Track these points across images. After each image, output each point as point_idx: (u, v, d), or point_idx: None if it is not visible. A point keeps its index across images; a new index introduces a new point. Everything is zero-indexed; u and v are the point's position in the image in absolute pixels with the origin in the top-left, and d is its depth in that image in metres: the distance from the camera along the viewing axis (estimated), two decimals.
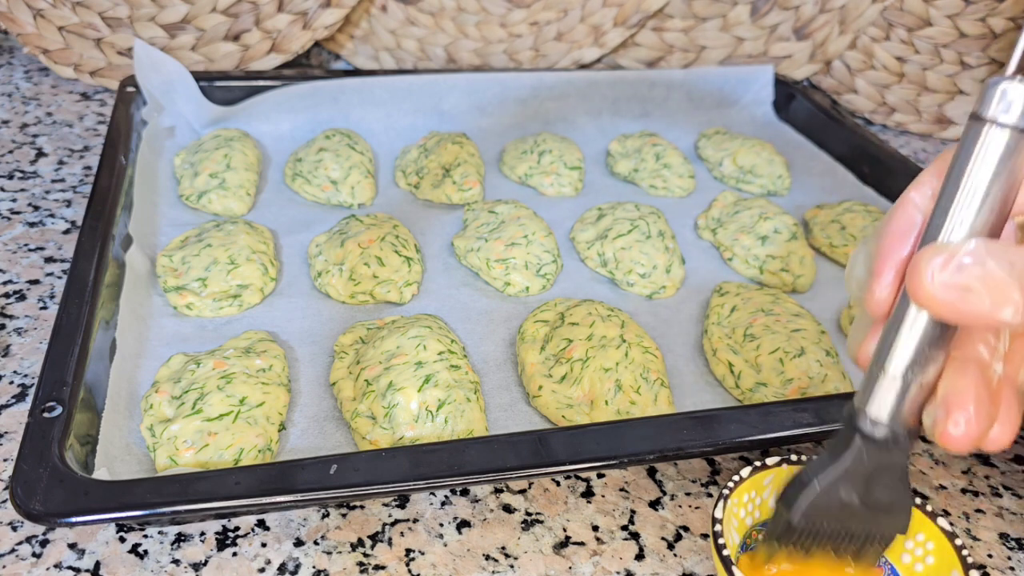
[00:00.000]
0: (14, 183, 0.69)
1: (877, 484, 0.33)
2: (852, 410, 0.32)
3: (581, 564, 0.41)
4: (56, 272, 0.59)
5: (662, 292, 0.61)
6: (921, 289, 0.27)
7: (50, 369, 0.42)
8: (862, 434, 0.32)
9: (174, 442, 0.42)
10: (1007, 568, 0.44)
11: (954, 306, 0.27)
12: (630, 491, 0.46)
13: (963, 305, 0.27)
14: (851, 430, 0.32)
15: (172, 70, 0.71)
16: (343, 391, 0.48)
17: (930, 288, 0.27)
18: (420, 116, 0.78)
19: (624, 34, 0.93)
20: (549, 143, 0.75)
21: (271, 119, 0.75)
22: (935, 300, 0.27)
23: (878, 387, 0.31)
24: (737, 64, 0.96)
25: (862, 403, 0.32)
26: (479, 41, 0.93)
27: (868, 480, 0.33)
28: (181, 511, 0.36)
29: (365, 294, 0.56)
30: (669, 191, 0.75)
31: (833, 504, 0.34)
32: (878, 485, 0.33)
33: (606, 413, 0.48)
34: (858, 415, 0.32)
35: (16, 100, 0.83)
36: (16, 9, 0.83)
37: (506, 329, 0.56)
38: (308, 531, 0.42)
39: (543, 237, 0.61)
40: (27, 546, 0.39)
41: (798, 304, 0.59)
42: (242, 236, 0.58)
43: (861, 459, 0.32)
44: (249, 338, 0.50)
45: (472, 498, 0.44)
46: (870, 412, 0.32)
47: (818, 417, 0.44)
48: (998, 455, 0.52)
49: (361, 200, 0.68)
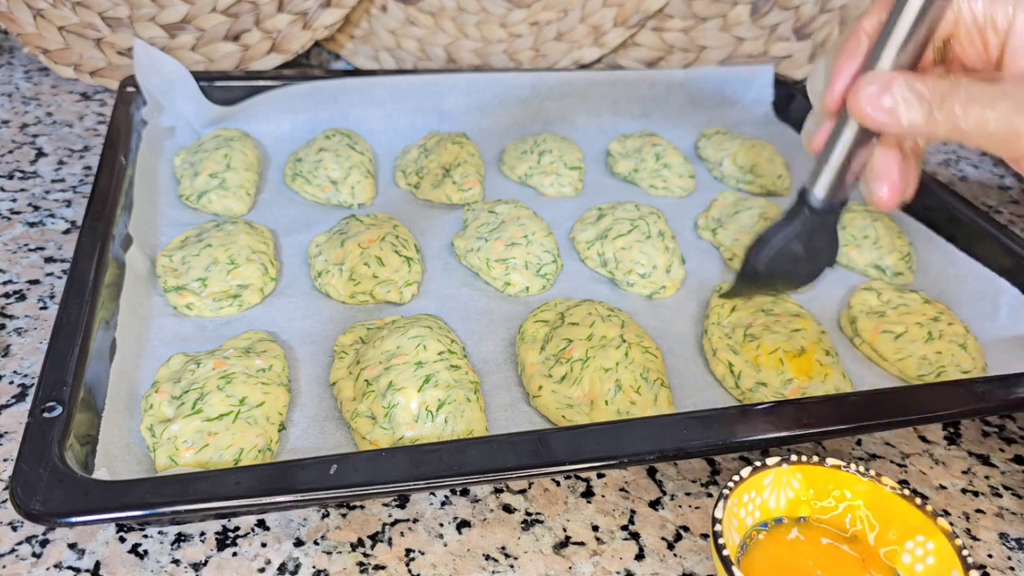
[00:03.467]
0: (14, 183, 0.69)
1: (815, 238, 0.46)
2: (803, 190, 0.44)
3: (581, 564, 0.41)
4: (56, 272, 0.59)
5: (662, 292, 0.61)
6: (856, 108, 0.37)
7: (50, 369, 0.42)
8: (809, 207, 0.44)
9: (174, 442, 0.42)
10: (1007, 568, 0.44)
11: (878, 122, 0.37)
12: (630, 491, 0.46)
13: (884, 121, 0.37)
14: (801, 204, 0.44)
15: (172, 70, 0.71)
16: (343, 391, 0.48)
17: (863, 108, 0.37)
18: (420, 116, 0.78)
19: (624, 34, 0.93)
20: (549, 143, 0.75)
21: (271, 119, 0.74)
22: (866, 116, 0.37)
23: (823, 172, 0.42)
24: (737, 64, 0.96)
25: (811, 184, 0.43)
26: (479, 41, 0.93)
27: (810, 236, 0.45)
28: (181, 511, 0.36)
29: (365, 294, 0.56)
30: (669, 191, 0.75)
31: (786, 256, 0.46)
32: (816, 238, 0.46)
33: (606, 413, 0.48)
34: (808, 193, 0.44)
35: (16, 100, 0.83)
36: (16, 9, 0.83)
37: (506, 329, 0.56)
38: (308, 531, 0.42)
39: (543, 237, 0.61)
40: (27, 546, 0.39)
41: (798, 304, 0.59)
42: (242, 236, 0.58)
43: (807, 223, 0.45)
44: (249, 338, 0.50)
45: (472, 498, 0.44)
46: (816, 190, 0.43)
47: (818, 417, 0.44)
48: (998, 455, 0.52)
49: (361, 200, 0.68)
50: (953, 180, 0.89)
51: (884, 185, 0.41)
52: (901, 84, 0.37)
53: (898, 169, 0.41)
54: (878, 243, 0.67)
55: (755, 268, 0.47)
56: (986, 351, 0.58)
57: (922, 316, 0.59)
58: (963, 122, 0.36)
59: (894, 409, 0.46)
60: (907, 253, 0.67)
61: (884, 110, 0.37)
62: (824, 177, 0.43)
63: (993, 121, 0.35)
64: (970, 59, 0.40)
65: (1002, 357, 0.57)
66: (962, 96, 0.36)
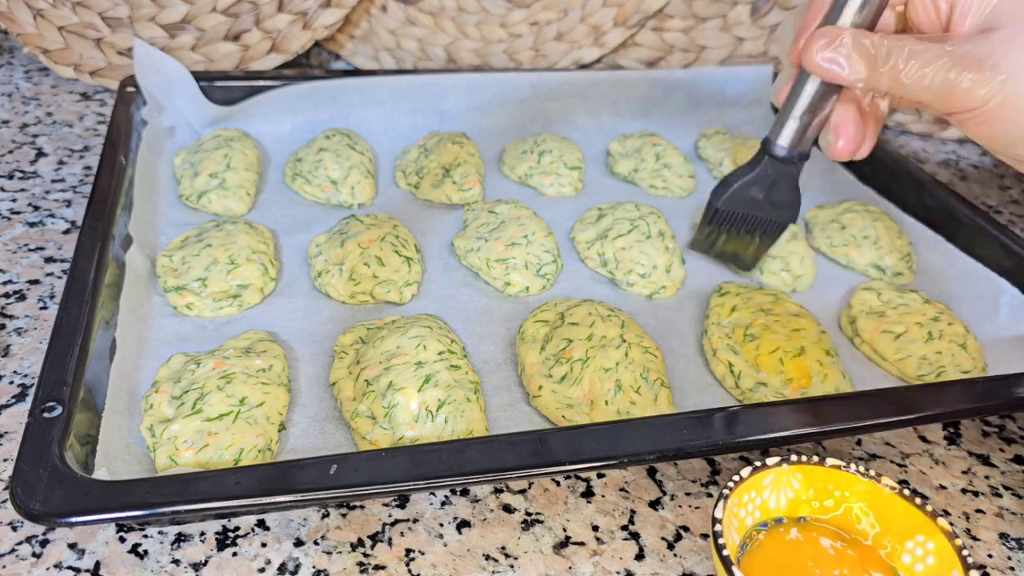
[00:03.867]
0: (14, 183, 0.69)
1: (777, 188, 0.50)
2: (766, 139, 0.48)
3: (581, 564, 0.41)
4: (56, 272, 0.59)
5: (662, 292, 0.61)
6: (807, 59, 0.41)
7: (50, 369, 0.42)
8: (770, 155, 0.48)
9: (174, 442, 0.42)
10: (1007, 568, 0.44)
11: (826, 72, 0.41)
12: (630, 491, 0.46)
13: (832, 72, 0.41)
14: (763, 152, 0.49)
15: (172, 70, 0.71)
16: (343, 391, 0.48)
17: (813, 59, 0.41)
18: (420, 116, 0.78)
19: (624, 34, 0.93)
20: (549, 143, 0.75)
21: (271, 119, 0.74)
22: (815, 67, 0.41)
23: (785, 124, 0.47)
24: (737, 64, 0.96)
25: (774, 135, 0.48)
26: (479, 41, 0.93)
27: (771, 185, 0.50)
28: (181, 511, 0.36)
29: (365, 294, 0.56)
30: (669, 191, 0.75)
31: (746, 197, 0.51)
32: (777, 189, 0.50)
33: (606, 413, 0.48)
34: (769, 143, 0.48)
35: (16, 100, 0.83)
36: (16, 9, 0.83)
37: (506, 329, 0.56)
38: (308, 531, 0.42)
39: (543, 237, 0.61)
40: (27, 546, 0.39)
41: (798, 304, 0.59)
42: (242, 236, 0.58)
43: (767, 170, 0.49)
44: (249, 338, 0.50)
45: (472, 498, 0.44)
46: (778, 141, 0.48)
47: (818, 417, 0.44)
48: (998, 455, 0.52)
49: (361, 200, 0.68)
50: (953, 180, 0.89)
51: (840, 137, 0.45)
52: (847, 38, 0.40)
53: (854, 124, 0.45)
54: (878, 243, 0.67)
55: (715, 206, 0.52)
56: (986, 351, 0.58)
57: (922, 316, 0.59)
58: (904, 76, 0.39)
59: (894, 409, 0.46)
60: (907, 253, 0.67)
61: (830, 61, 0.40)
62: (786, 127, 0.47)
63: (930, 76, 0.38)
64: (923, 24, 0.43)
65: (1002, 357, 0.57)
66: (905, 52, 0.39)
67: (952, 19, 0.41)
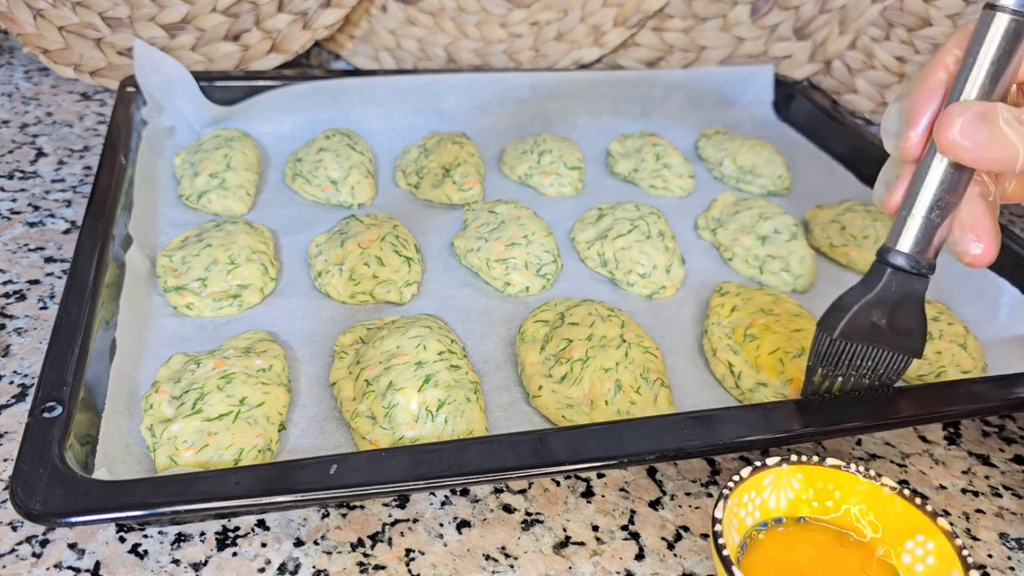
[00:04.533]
0: (14, 183, 0.69)
1: (900, 310, 0.41)
2: (883, 248, 0.40)
3: (581, 564, 0.41)
4: (56, 272, 0.59)
5: (662, 292, 0.61)
6: (947, 137, 0.34)
7: (50, 369, 0.42)
8: (891, 266, 0.40)
9: (174, 442, 0.42)
10: (1007, 568, 0.44)
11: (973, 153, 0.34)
12: (630, 491, 0.46)
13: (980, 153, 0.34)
14: (882, 264, 0.40)
15: (172, 70, 0.71)
16: (343, 391, 0.48)
17: (955, 137, 0.34)
18: (420, 116, 0.78)
19: (624, 34, 0.93)
20: (549, 143, 0.75)
21: (271, 119, 0.74)
22: (959, 147, 0.34)
23: (906, 226, 0.39)
24: (737, 64, 0.96)
25: (892, 242, 0.40)
26: (479, 41, 0.93)
27: (894, 307, 0.41)
28: (181, 511, 0.36)
29: (365, 294, 0.56)
30: (669, 191, 0.75)
31: (865, 325, 0.41)
32: (901, 311, 0.41)
33: (606, 413, 0.48)
34: (888, 252, 0.40)
35: (16, 100, 0.83)
36: (16, 9, 0.83)
37: (506, 329, 0.56)
38: (308, 531, 0.42)
39: (543, 237, 0.61)
40: (27, 546, 0.39)
41: (798, 304, 0.59)
42: (242, 236, 0.58)
43: (889, 287, 0.40)
44: (249, 338, 0.50)
45: (472, 498, 0.44)
46: (899, 247, 0.39)
47: (818, 417, 0.44)
48: (998, 455, 0.52)
49: (361, 200, 0.68)
50: None
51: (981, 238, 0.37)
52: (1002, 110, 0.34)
53: (991, 222, 0.38)
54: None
55: (829, 339, 0.42)
56: (986, 351, 0.58)
57: None
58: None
59: (894, 409, 0.46)
60: None
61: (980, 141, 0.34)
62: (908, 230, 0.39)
63: None
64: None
65: (1002, 357, 0.57)
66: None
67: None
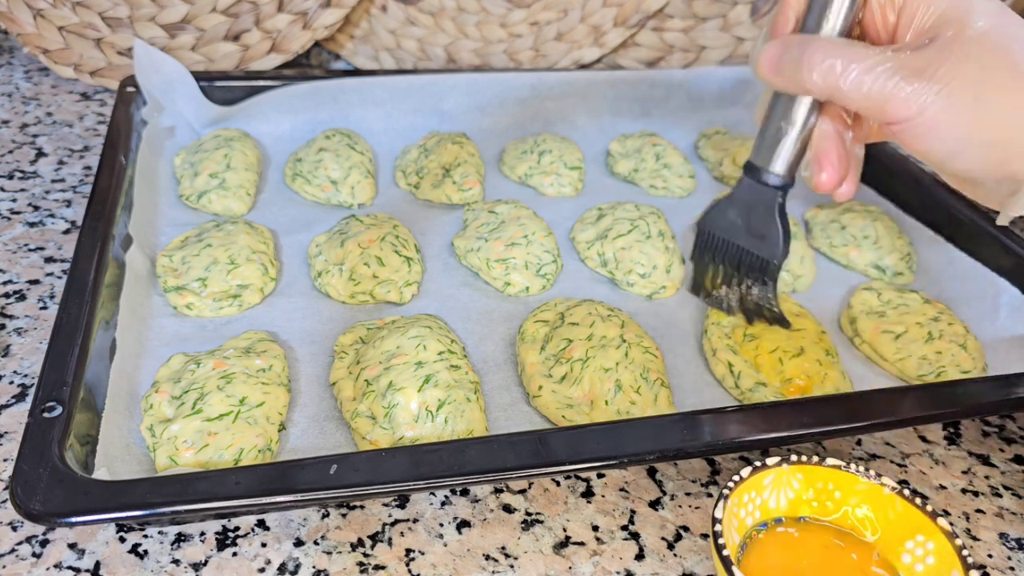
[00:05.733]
0: (14, 183, 0.69)
1: (756, 215, 0.48)
2: (747, 161, 0.47)
3: (581, 564, 0.41)
4: (56, 272, 0.59)
5: (662, 292, 0.61)
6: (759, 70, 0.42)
7: (50, 369, 0.42)
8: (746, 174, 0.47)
9: (174, 442, 0.42)
10: (1007, 568, 0.44)
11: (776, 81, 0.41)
12: (630, 491, 0.46)
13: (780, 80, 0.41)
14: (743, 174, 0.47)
15: (172, 70, 0.71)
16: (343, 391, 0.48)
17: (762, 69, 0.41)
18: (420, 116, 0.78)
19: (624, 34, 0.93)
20: (549, 143, 0.75)
21: (271, 119, 0.74)
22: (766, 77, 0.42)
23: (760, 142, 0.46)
24: (737, 64, 0.96)
25: (751, 156, 0.47)
26: (479, 41, 0.93)
27: (750, 209, 0.48)
28: (181, 511, 0.36)
29: (365, 294, 0.56)
30: (669, 191, 0.75)
31: (725, 219, 0.49)
32: (757, 216, 0.48)
33: (606, 413, 0.48)
34: (746, 162, 0.47)
35: (16, 100, 0.83)
36: (16, 9, 0.83)
37: (506, 329, 0.56)
38: (308, 531, 0.42)
39: (543, 237, 0.61)
40: (27, 546, 0.39)
41: (798, 304, 0.59)
42: (242, 236, 0.58)
43: (743, 192, 0.48)
44: (249, 338, 0.50)
45: (472, 498, 0.44)
46: (752, 159, 0.47)
47: (818, 417, 0.44)
48: (998, 455, 0.52)
49: (361, 200, 0.68)
50: None
51: (823, 167, 0.44)
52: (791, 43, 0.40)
53: (837, 155, 0.43)
54: (878, 243, 0.67)
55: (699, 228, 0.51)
56: (986, 351, 0.58)
57: (922, 316, 0.59)
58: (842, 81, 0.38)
59: (894, 409, 0.46)
60: (907, 253, 0.67)
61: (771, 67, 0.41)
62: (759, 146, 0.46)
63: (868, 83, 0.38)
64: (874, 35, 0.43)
65: (1002, 357, 0.57)
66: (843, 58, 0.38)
67: (898, 29, 0.41)
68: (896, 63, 0.37)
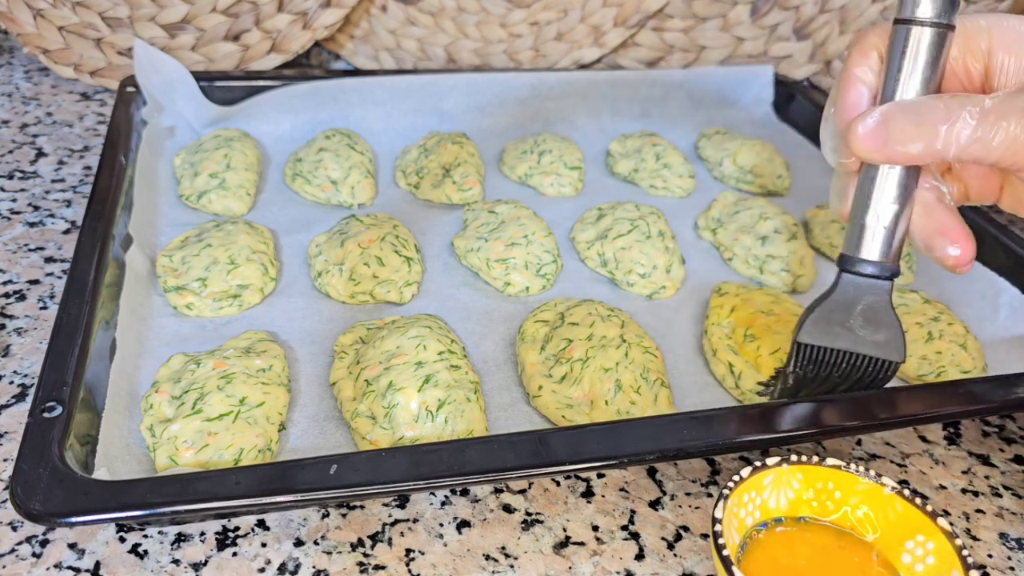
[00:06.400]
0: (14, 183, 0.69)
1: (869, 314, 0.43)
2: (841, 255, 0.42)
3: (581, 564, 0.41)
4: (56, 272, 0.59)
5: (662, 292, 0.61)
6: (853, 143, 0.37)
7: (50, 369, 0.42)
8: (846, 271, 0.42)
9: (174, 442, 0.42)
10: (1007, 568, 0.44)
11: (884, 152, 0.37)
12: (630, 491, 0.46)
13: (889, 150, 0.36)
14: (840, 270, 0.42)
15: (172, 70, 0.71)
16: (343, 391, 0.48)
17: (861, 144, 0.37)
18: (420, 116, 0.78)
19: (624, 34, 0.93)
20: (549, 143, 0.75)
21: (271, 119, 0.74)
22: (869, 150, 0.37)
23: (856, 232, 0.41)
24: (737, 64, 0.96)
25: (847, 248, 0.42)
26: (479, 41, 0.93)
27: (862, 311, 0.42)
28: (181, 511, 0.36)
29: (365, 294, 0.56)
30: (669, 191, 0.75)
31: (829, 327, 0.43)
32: (870, 316, 0.43)
33: (606, 413, 0.48)
34: (844, 258, 0.42)
35: (16, 100, 0.83)
36: (16, 9, 0.83)
37: (506, 329, 0.56)
38: (308, 531, 0.42)
39: (543, 237, 0.61)
40: (27, 546, 0.39)
41: (798, 304, 0.59)
42: (242, 236, 0.58)
43: (847, 290, 0.42)
44: (249, 338, 0.50)
45: (472, 498, 0.44)
46: (851, 252, 0.41)
47: (818, 417, 0.44)
48: (998, 455, 0.52)
49: (361, 200, 0.68)
50: None
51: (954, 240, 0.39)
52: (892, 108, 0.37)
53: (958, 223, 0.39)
54: None
55: (796, 341, 0.44)
56: (986, 351, 0.58)
57: (922, 316, 0.59)
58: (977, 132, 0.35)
59: (894, 409, 0.46)
60: (907, 253, 0.67)
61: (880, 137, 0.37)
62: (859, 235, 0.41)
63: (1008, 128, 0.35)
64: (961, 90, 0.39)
65: (1002, 357, 0.57)
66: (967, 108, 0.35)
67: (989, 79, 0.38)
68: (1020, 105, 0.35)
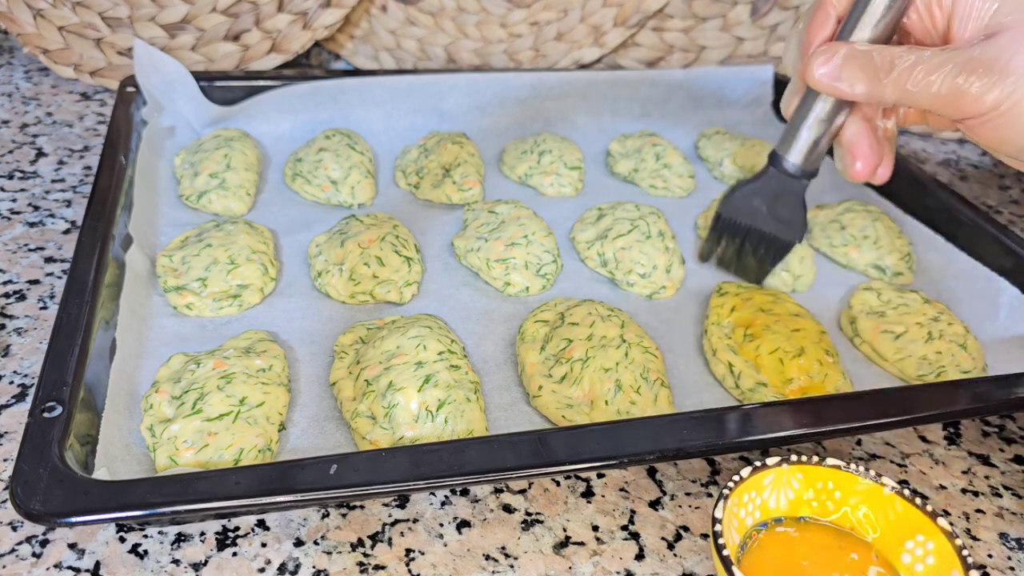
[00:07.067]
0: (14, 183, 0.69)
1: (781, 203, 0.49)
2: (773, 152, 0.48)
3: (581, 564, 0.41)
4: (56, 272, 0.59)
5: (662, 292, 0.61)
6: (810, 78, 0.41)
7: (50, 369, 0.42)
8: (776, 168, 0.48)
9: (174, 442, 0.42)
10: (1007, 568, 0.44)
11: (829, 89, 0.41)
12: (630, 491, 0.46)
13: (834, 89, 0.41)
14: (769, 164, 0.48)
15: (172, 70, 0.71)
16: (343, 391, 0.48)
17: (815, 77, 0.41)
18: (420, 116, 0.78)
19: (624, 34, 0.93)
20: (549, 143, 0.75)
21: (271, 119, 0.74)
22: (817, 84, 0.41)
23: (791, 136, 0.46)
24: (737, 64, 0.96)
25: (781, 148, 0.47)
26: (479, 41, 0.93)
27: (775, 199, 0.49)
28: (181, 511, 0.36)
29: (365, 294, 0.56)
30: (669, 191, 0.75)
31: (748, 207, 0.50)
32: (781, 204, 0.49)
33: (606, 413, 0.48)
34: (776, 156, 0.48)
35: (16, 100, 0.83)
36: (16, 9, 0.83)
37: (506, 329, 0.56)
38: (308, 531, 0.42)
39: (543, 237, 0.61)
40: (27, 546, 0.39)
41: (798, 304, 0.59)
42: (242, 236, 0.58)
43: (771, 183, 0.48)
44: (249, 338, 0.50)
45: (472, 498, 0.44)
46: (785, 155, 0.47)
47: (818, 417, 0.44)
48: (998, 455, 0.52)
49: (361, 200, 0.68)
50: (953, 180, 0.89)
51: (857, 157, 0.44)
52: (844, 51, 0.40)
53: (868, 143, 0.44)
54: (878, 243, 0.67)
55: (718, 212, 0.51)
56: (986, 351, 0.58)
57: (922, 316, 0.59)
58: (910, 84, 0.39)
59: (894, 409, 0.46)
60: (907, 253, 0.67)
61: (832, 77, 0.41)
62: (793, 142, 0.47)
63: (937, 82, 0.38)
64: (920, 36, 0.42)
65: (1002, 357, 0.57)
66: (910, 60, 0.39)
67: (951, 28, 0.40)
68: (963, 59, 0.37)
